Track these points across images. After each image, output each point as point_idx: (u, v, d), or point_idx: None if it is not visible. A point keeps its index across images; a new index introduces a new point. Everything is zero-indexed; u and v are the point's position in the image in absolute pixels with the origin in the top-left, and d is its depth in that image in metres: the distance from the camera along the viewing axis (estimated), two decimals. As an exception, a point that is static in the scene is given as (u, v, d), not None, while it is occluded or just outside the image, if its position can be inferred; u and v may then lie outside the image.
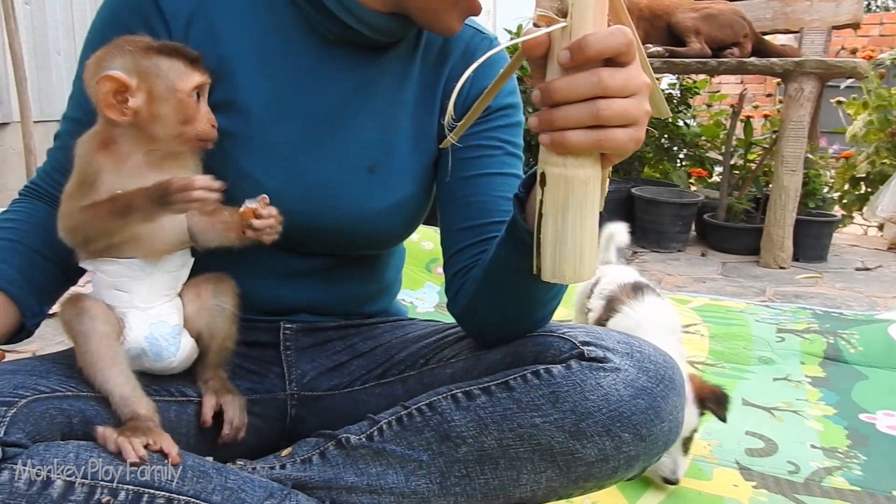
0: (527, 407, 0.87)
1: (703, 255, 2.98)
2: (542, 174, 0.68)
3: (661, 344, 1.18)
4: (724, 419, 1.15)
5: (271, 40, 0.94)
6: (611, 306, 1.32)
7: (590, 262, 0.69)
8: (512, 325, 0.96)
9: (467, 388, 0.91)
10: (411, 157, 1.01)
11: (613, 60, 0.64)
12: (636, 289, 1.34)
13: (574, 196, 0.66)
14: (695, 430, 1.09)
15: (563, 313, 2.17)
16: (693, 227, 3.21)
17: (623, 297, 1.32)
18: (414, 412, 0.92)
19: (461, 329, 1.04)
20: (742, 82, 6.27)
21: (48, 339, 1.60)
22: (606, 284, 1.40)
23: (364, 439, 0.92)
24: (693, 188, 3.57)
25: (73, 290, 0.92)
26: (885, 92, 3.57)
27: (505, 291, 0.91)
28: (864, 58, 3.66)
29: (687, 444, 1.09)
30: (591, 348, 0.89)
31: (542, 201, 0.68)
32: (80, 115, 0.94)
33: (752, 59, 3.03)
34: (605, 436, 0.85)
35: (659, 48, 3.15)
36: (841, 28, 4.13)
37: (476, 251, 0.97)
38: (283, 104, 0.94)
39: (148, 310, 0.86)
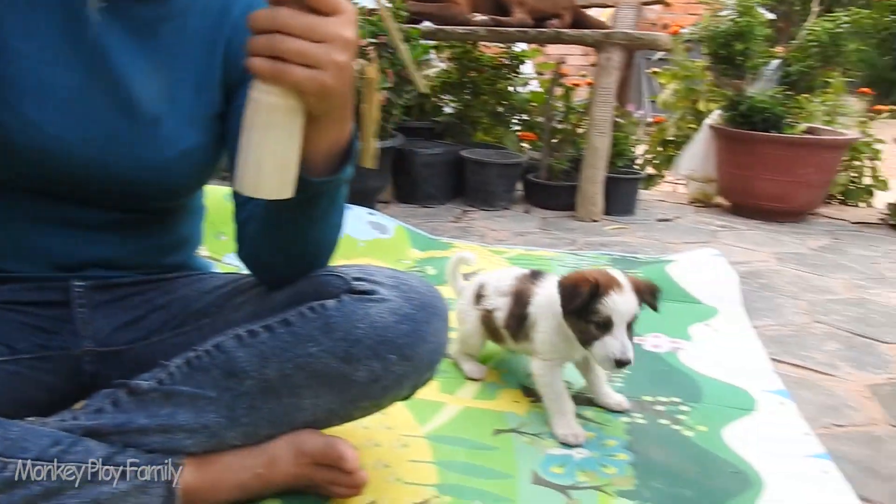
0: (303, 339, 0.96)
1: (526, 211, 3.18)
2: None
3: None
4: (657, 309, 1.28)
5: None
6: (522, 297, 1.40)
7: (270, 180, 0.77)
8: (292, 266, 1.03)
9: (251, 328, 0.98)
10: (195, 107, 1.03)
11: (312, 7, 0.73)
12: (536, 276, 1.43)
13: (258, 117, 0.75)
14: (636, 316, 1.22)
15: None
16: (520, 186, 3.40)
17: (531, 287, 1.40)
18: (201, 353, 0.98)
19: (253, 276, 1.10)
20: (586, 54, 6.56)
21: None
22: (497, 283, 1.47)
23: (155, 383, 0.97)
24: (528, 151, 3.76)
25: None
26: (690, 64, 3.91)
27: (277, 231, 0.98)
28: (671, 32, 3.97)
29: (630, 328, 1.22)
30: (360, 283, 0.99)
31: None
32: None
33: (569, 30, 3.24)
34: (374, 359, 0.96)
35: (485, 17, 3.30)
36: (649, 4, 4.46)
37: None
38: (58, 46, 0.94)
39: None
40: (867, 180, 3.71)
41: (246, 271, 1.12)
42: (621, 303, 1.20)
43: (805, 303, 2.16)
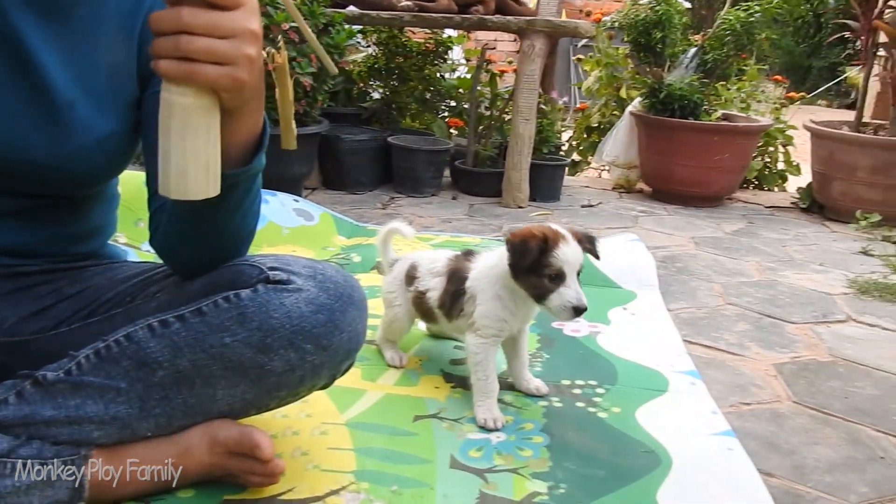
0: (217, 329, 0.95)
1: (454, 198, 3.19)
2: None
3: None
4: (597, 256, 1.34)
5: None
6: (457, 275, 1.41)
7: (196, 182, 0.76)
8: (205, 256, 1.02)
9: (163, 318, 0.97)
10: (111, 94, 1.01)
11: (213, 3, 0.71)
12: (469, 254, 1.45)
13: (174, 120, 0.74)
14: (582, 265, 1.26)
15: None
16: (448, 173, 3.42)
17: (466, 264, 1.42)
18: (112, 344, 0.96)
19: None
20: (515, 40, 6.60)
21: None
22: (430, 264, 1.47)
23: (62, 374, 0.94)
24: (456, 137, 3.77)
25: None
26: (613, 51, 3.98)
27: (191, 222, 0.97)
28: (594, 20, 4.03)
29: (578, 275, 1.26)
30: (276, 272, 0.98)
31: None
32: None
33: (493, 16, 3.26)
34: (290, 348, 0.96)
35: (410, 2, 3.29)
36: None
37: None
38: None
39: None
40: (781, 165, 3.86)
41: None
42: (570, 253, 1.24)
43: (719, 285, 2.24)
